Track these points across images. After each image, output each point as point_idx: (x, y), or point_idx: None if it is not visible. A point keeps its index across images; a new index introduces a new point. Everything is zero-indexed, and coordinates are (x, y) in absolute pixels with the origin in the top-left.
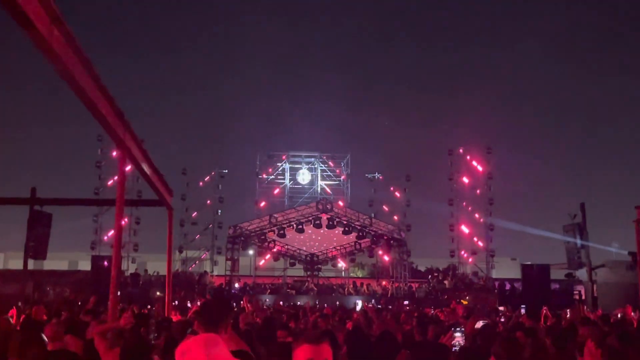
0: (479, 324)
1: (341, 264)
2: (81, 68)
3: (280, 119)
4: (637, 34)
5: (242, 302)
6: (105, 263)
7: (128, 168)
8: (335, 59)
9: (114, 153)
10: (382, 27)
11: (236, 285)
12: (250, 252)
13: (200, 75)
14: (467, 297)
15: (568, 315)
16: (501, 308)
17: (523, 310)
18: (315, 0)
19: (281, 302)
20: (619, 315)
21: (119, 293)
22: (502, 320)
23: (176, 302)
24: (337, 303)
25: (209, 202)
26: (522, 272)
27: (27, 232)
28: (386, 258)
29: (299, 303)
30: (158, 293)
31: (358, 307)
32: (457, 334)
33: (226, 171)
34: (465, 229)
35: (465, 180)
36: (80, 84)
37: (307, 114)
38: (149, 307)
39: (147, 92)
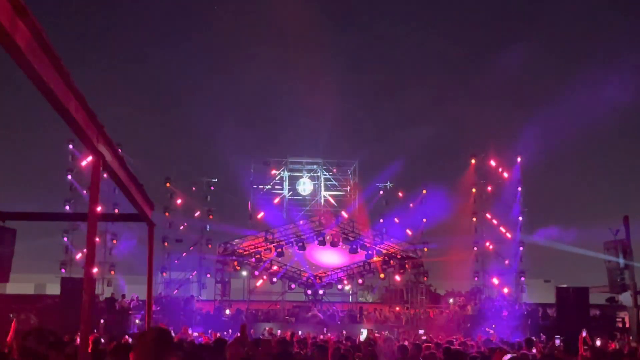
0: (507, 358)
1: (348, 287)
2: (49, 65)
3: (278, 119)
4: None
5: (239, 331)
6: (77, 286)
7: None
8: (344, 52)
9: (87, 160)
10: (401, 9)
11: (227, 311)
12: (244, 273)
13: (182, 67)
14: (494, 325)
15: (598, 344)
16: (533, 338)
17: (558, 341)
18: None
19: (279, 332)
20: None
21: (102, 321)
22: (534, 352)
23: None
24: (344, 332)
25: (195, 215)
26: (556, 296)
27: None
28: (399, 280)
29: (299, 332)
30: (137, 321)
31: (362, 337)
32: None
33: (215, 180)
34: (491, 246)
35: (491, 190)
36: (48, 82)
37: (309, 114)
38: (126, 337)
39: (122, 91)
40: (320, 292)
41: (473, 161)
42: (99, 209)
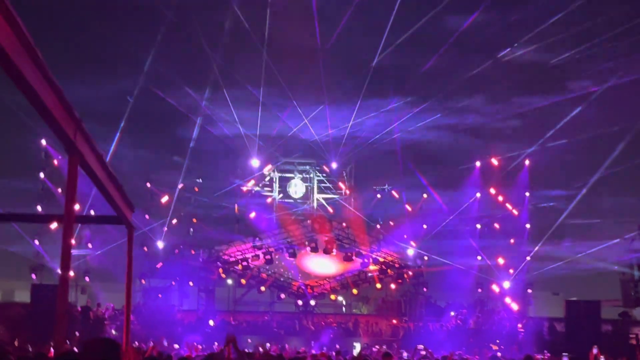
0: None
1: (341, 297)
2: (23, 53)
3: (268, 115)
4: None
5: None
6: (49, 294)
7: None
8: (342, 50)
9: (62, 158)
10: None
11: (211, 322)
12: (229, 281)
13: (165, 58)
14: (497, 341)
15: None
16: (539, 356)
17: (566, 359)
18: None
19: (268, 345)
20: None
21: (77, 333)
22: None
23: (136, 342)
24: (337, 347)
25: (175, 221)
26: (565, 310)
27: None
28: (397, 291)
29: (287, 346)
30: (113, 332)
31: (355, 351)
32: None
33: (200, 181)
34: (497, 256)
35: (499, 197)
36: (22, 71)
37: (301, 110)
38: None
39: (99, 83)
40: (312, 302)
41: (478, 164)
42: (76, 208)
